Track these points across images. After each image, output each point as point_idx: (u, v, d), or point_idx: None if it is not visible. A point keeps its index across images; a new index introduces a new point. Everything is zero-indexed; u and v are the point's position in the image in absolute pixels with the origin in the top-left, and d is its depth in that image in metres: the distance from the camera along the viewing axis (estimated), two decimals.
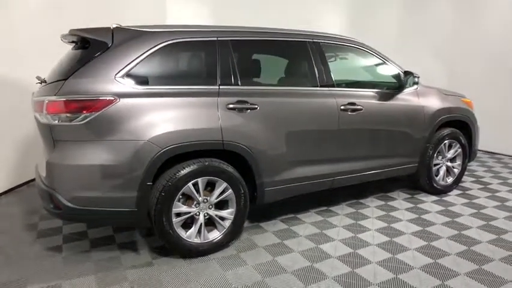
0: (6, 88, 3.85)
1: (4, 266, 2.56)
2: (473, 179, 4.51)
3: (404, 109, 3.48)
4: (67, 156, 2.30)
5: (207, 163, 2.57)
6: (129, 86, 2.37)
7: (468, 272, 2.45)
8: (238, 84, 2.71)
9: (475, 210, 3.51)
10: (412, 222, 3.27)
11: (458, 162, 4.03)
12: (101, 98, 2.27)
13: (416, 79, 3.45)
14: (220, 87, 2.64)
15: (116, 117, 2.31)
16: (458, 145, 3.95)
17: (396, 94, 3.47)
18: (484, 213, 3.45)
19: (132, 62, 2.40)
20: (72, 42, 2.67)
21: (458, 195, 3.95)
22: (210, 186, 2.66)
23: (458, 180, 4.07)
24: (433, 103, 3.69)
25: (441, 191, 3.93)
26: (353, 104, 3.15)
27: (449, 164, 3.98)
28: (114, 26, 2.64)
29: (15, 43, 3.92)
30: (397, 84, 3.52)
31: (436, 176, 3.90)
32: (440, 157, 3.91)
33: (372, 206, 3.64)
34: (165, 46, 2.51)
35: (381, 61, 3.52)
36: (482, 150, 6.01)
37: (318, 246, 2.84)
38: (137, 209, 2.40)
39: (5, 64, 3.81)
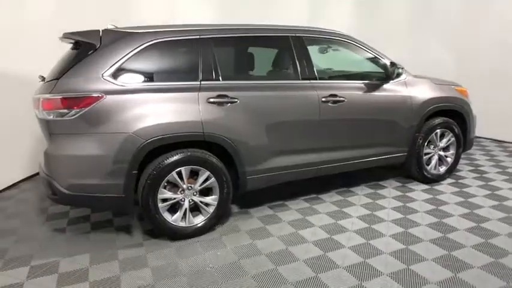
0: (26, 85, 4.18)
1: (15, 244, 2.90)
2: (472, 168, 4.49)
3: (390, 99, 3.53)
4: (61, 148, 2.57)
5: (189, 153, 2.78)
6: (115, 83, 2.60)
7: (436, 258, 2.55)
8: (219, 80, 2.89)
9: (463, 199, 3.55)
10: (395, 210, 3.36)
11: (452, 151, 4.04)
12: (89, 95, 2.52)
13: (400, 70, 3.49)
14: (202, 82, 2.83)
15: (103, 112, 2.55)
16: (451, 134, 3.96)
17: (382, 85, 3.53)
18: (471, 202, 3.49)
19: (118, 61, 2.62)
20: (71, 43, 2.92)
21: (450, 183, 3.98)
22: (196, 175, 2.88)
23: (451, 169, 4.08)
24: (422, 93, 3.71)
25: (433, 180, 3.97)
26: (335, 95, 3.25)
27: (441, 153, 4.00)
28: (109, 26, 2.88)
29: (36, 42, 4.21)
30: (383, 75, 3.57)
31: (428, 165, 3.94)
32: (432, 146, 3.94)
33: (360, 194, 3.75)
34: (149, 45, 2.72)
35: (367, 53, 3.58)
36: (490, 139, 5.91)
37: (297, 231, 3.00)
38: (124, 195, 2.65)
39: (28, 63, 4.11)
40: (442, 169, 4.04)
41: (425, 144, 3.84)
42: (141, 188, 2.70)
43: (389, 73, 3.52)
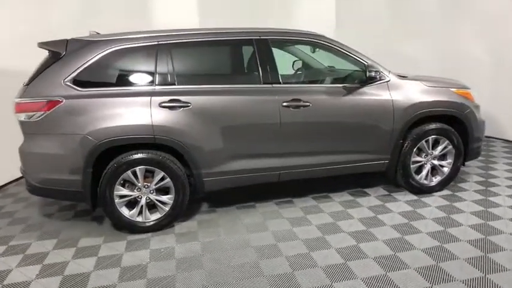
0: None
1: (8, 225, 3.40)
2: (481, 179, 4.02)
3: (365, 104, 3.32)
4: (30, 146, 2.93)
5: (142, 154, 2.96)
6: (75, 88, 2.86)
7: (367, 277, 2.41)
8: (174, 84, 3.01)
9: (445, 215, 3.24)
10: (361, 221, 3.20)
11: (449, 160, 3.67)
12: (49, 100, 2.82)
13: (373, 73, 3.24)
14: (156, 87, 2.98)
15: (62, 115, 2.84)
16: (447, 142, 3.60)
17: (357, 88, 3.33)
18: (453, 218, 3.17)
19: (78, 68, 2.88)
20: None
21: (443, 195, 3.64)
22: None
23: (448, 179, 3.71)
24: (408, 97, 3.42)
25: (423, 191, 3.66)
26: (298, 100, 3.16)
27: (435, 162, 3.65)
28: (91, 33, 3.17)
29: None
30: (360, 78, 3.37)
31: (418, 174, 3.64)
32: (424, 154, 3.62)
33: (336, 201, 3.62)
34: (107, 53, 2.93)
35: (342, 55, 3.39)
36: None
37: (248, 234, 3.04)
38: (82, 190, 2.93)
39: None
40: (436, 179, 3.70)
41: (413, 151, 3.54)
42: (100, 185, 2.96)
43: (365, 76, 3.30)
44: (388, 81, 3.41)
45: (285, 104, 3.14)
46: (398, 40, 6.36)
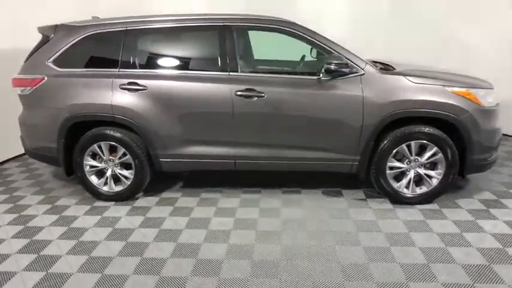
0: None
1: (23, 179, 4.10)
2: (492, 197, 3.34)
3: (328, 98, 3.04)
4: (24, 116, 3.48)
5: (105, 131, 3.27)
6: (55, 68, 3.28)
7: None
8: (136, 68, 3.21)
9: (405, 231, 2.83)
10: (301, 223, 3.01)
11: (440, 170, 3.15)
12: (34, 77, 3.28)
13: (332, 66, 2.90)
14: (120, 70, 3.21)
15: (44, 90, 3.29)
16: (435, 148, 3.08)
17: (323, 81, 3.06)
18: (410, 236, 2.75)
19: (59, 50, 3.28)
20: None
21: (424, 209, 3.15)
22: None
23: (436, 192, 3.19)
24: (384, 93, 3.00)
25: (400, 201, 3.23)
26: (252, 90, 3.06)
27: (421, 170, 3.17)
28: (94, 17, 3.57)
29: None
30: (326, 70, 3.06)
31: (399, 181, 3.22)
32: (406, 160, 3.18)
33: (301, 198, 3.45)
34: (83, 37, 3.26)
35: (314, 45, 3.13)
36: None
37: (190, 218, 3.14)
38: (57, 157, 3.38)
39: None
40: (420, 190, 3.22)
41: (390, 155, 3.12)
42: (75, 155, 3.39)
43: (327, 69, 3.00)
44: (362, 74, 3.05)
45: (238, 93, 3.09)
46: (454, 25, 5.46)
